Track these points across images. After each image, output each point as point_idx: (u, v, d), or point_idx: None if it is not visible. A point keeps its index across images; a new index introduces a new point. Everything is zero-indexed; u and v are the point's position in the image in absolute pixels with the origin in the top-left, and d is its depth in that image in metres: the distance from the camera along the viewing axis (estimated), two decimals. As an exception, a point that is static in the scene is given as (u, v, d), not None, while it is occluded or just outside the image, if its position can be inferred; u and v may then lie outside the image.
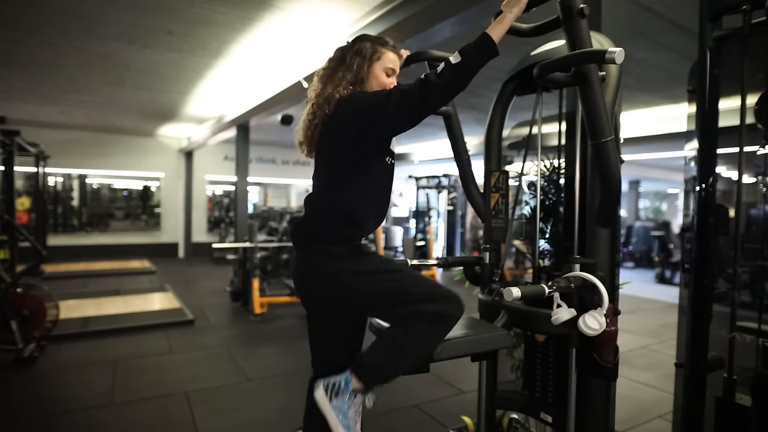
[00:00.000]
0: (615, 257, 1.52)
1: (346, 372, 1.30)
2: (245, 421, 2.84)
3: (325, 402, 1.26)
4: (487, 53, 1.24)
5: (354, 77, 1.39)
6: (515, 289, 1.22)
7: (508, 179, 1.77)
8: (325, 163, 1.44)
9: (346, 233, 1.36)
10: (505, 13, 1.29)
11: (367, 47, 1.41)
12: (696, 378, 1.75)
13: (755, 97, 1.64)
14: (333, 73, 1.40)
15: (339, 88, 1.37)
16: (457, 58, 1.20)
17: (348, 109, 1.33)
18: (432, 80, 1.21)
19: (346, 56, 1.41)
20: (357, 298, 1.35)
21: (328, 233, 1.36)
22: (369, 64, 1.40)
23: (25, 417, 2.81)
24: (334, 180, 1.39)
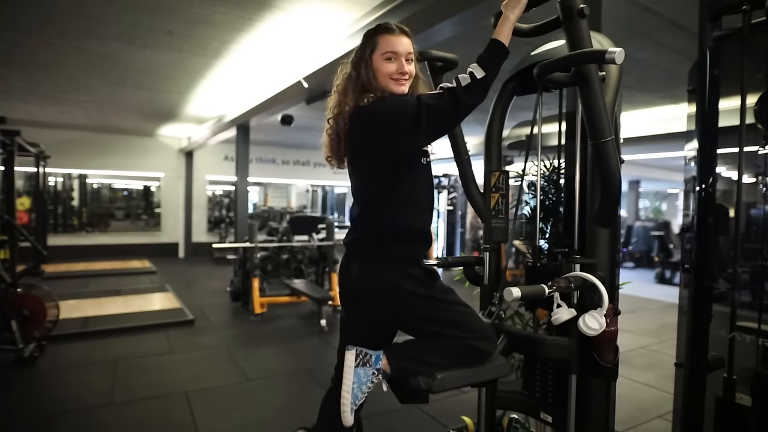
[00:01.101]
0: (615, 257, 1.52)
1: (379, 351, 1.35)
2: (245, 421, 2.84)
3: (351, 365, 1.30)
4: (502, 58, 1.26)
5: (361, 82, 1.36)
6: (515, 289, 1.22)
7: (508, 179, 1.77)
8: (361, 177, 1.43)
9: (410, 251, 1.39)
10: (506, 14, 1.29)
11: (361, 45, 1.40)
12: (696, 378, 1.75)
13: (755, 97, 1.64)
14: (344, 85, 1.39)
15: (349, 98, 1.36)
16: (481, 72, 1.21)
17: (369, 122, 1.31)
18: (462, 95, 1.21)
19: (354, 57, 1.41)
20: (412, 317, 1.37)
21: (396, 256, 1.37)
22: (368, 60, 1.37)
23: (25, 417, 2.81)
24: (376, 193, 1.38)
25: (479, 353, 1.35)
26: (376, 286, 1.36)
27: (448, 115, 1.25)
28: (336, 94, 1.41)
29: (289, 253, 6.73)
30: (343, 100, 1.37)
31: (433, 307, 1.36)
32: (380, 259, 1.37)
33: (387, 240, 1.37)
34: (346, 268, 1.44)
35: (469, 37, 3.67)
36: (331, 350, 4.30)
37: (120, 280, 7.33)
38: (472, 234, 10.05)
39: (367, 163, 1.38)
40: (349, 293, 1.47)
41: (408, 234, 1.38)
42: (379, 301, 1.38)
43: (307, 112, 7.09)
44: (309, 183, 13.64)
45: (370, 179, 1.39)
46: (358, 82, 1.36)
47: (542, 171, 2.05)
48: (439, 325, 1.34)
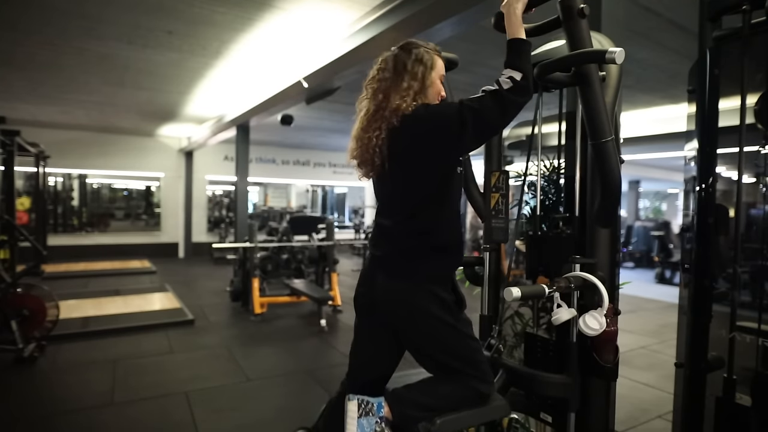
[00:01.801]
0: (615, 257, 1.52)
1: (380, 397, 1.34)
2: (245, 421, 2.84)
3: (354, 416, 1.30)
4: (527, 53, 1.25)
5: (419, 86, 1.32)
6: (515, 289, 1.22)
7: (508, 179, 1.77)
8: (400, 186, 1.35)
9: (447, 266, 1.38)
10: (508, 13, 1.27)
11: (426, 55, 1.35)
12: (696, 378, 1.75)
13: (755, 97, 1.64)
14: (396, 83, 1.31)
15: (407, 98, 1.29)
16: (518, 73, 1.20)
17: (425, 125, 1.28)
18: (507, 95, 1.20)
19: (407, 64, 1.32)
20: (430, 343, 1.35)
21: (431, 271, 1.34)
22: (430, 72, 1.35)
23: (25, 417, 2.81)
24: (417, 204, 1.33)
25: (479, 395, 1.35)
26: (404, 305, 1.32)
27: (494, 117, 1.23)
28: (373, 98, 1.34)
29: (289, 253, 6.73)
30: (383, 104, 1.31)
31: (453, 339, 1.34)
32: (413, 276, 1.32)
33: (426, 253, 1.33)
34: (371, 279, 1.39)
35: (469, 37, 3.67)
36: (331, 350, 4.30)
37: (120, 280, 7.33)
38: (472, 234, 10.06)
39: (411, 171, 1.31)
40: (369, 303, 1.42)
41: (448, 247, 1.36)
42: (402, 321, 1.35)
43: (307, 112, 7.10)
44: (309, 183, 13.64)
45: (412, 188, 1.33)
46: (410, 91, 1.31)
47: (542, 171, 2.05)
48: (454, 358, 1.33)
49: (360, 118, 1.38)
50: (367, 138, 1.32)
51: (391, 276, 1.35)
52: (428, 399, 1.33)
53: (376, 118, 1.31)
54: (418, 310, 1.31)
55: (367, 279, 1.42)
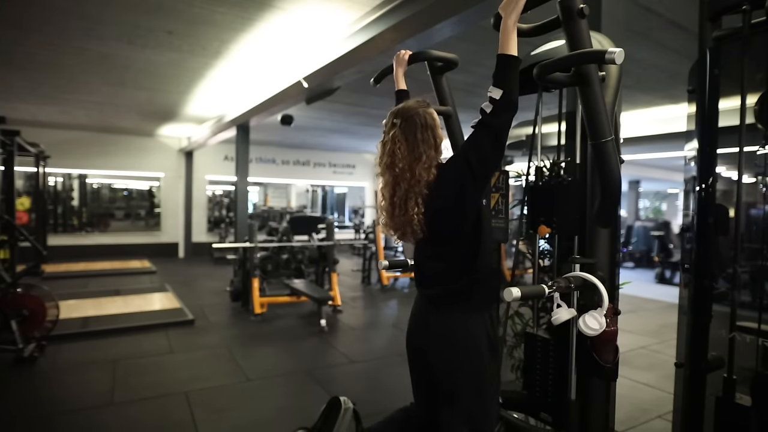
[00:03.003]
0: (615, 257, 1.52)
1: None
2: (245, 421, 2.84)
3: None
4: (514, 69, 1.28)
5: (434, 152, 1.41)
6: (515, 289, 1.22)
7: (508, 179, 1.77)
8: (444, 238, 1.44)
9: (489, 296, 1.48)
10: (504, 20, 1.29)
11: (427, 117, 1.43)
12: (696, 378, 1.75)
13: (755, 97, 1.64)
14: (417, 158, 1.38)
15: (431, 169, 1.38)
16: (498, 91, 1.25)
17: (448, 187, 1.37)
18: (491, 121, 1.27)
19: (416, 134, 1.40)
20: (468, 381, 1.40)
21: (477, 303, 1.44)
22: (436, 131, 1.43)
23: (25, 417, 2.81)
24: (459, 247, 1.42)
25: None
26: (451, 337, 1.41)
27: (488, 147, 1.30)
28: (400, 175, 1.40)
29: (289, 253, 6.73)
30: (413, 181, 1.38)
31: (484, 377, 1.40)
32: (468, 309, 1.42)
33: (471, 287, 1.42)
34: (425, 317, 1.49)
35: (469, 37, 3.67)
36: (331, 350, 4.30)
37: (120, 280, 7.33)
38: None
39: (449, 226, 1.41)
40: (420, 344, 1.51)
41: (485, 277, 1.44)
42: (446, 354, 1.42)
43: (307, 112, 7.10)
44: (309, 183, 13.64)
45: (453, 238, 1.43)
46: (430, 160, 1.39)
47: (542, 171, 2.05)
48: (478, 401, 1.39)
49: (388, 198, 1.45)
50: (409, 217, 1.39)
51: (442, 310, 1.45)
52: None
53: (410, 196, 1.39)
54: (465, 343, 1.39)
55: (419, 317, 1.52)
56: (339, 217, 14.45)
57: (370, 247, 7.88)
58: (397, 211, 1.41)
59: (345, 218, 14.35)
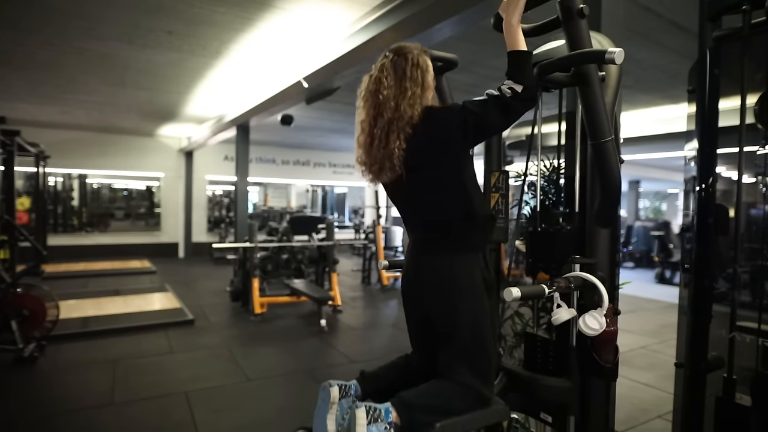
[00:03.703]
0: (615, 257, 1.52)
1: (387, 404, 1.35)
2: (245, 421, 2.84)
3: (363, 422, 1.30)
4: (528, 63, 1.26)
5: (421, 91, 1.38)
6: (515, 289, 1.22)
7: (508, 179, 1.77)
8: (424, 184, 1.41)
9: (481, 239, 1.45)
10: (507, 20, 1.28)
11: (420, 58, 1.40)
12: (696, 378, 1.75)
13: (755, 97, 1.64)
14: (402, 91, 1.36)
15: (415, 106, 1.35)
16: (518, 86, 1.23)
17: (434, 131, 1.34)
18: (510, 105, 1.24)
19: (406, 70, 1.37)
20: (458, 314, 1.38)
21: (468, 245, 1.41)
22: (427, 75, 1.40)
23: (25, 417, 2.81)
24: (442, 193, 1.40)
25: (481, 399, 1.37)
26: (443, 276, 1.38)
27: (493, 120, 1.28)
28: (381, 107, 1.37)
29: (289, 253, 6.73)
30: (396, 114, 1.35)
31: (480, 318, 1.38)
32: (453, 250, 1.40)
33: (460, 231, 1.40)
34: (415, 263, 1.46)
35: (469, 37, 3.67)
36: (331, 350, 4.30)
37: (120, 280, 7.33)
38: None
39: (430, 170, 1.38)
40: (414, 287, 1.48)
41: (478, 221, 1.43)
42: (439, 292, 1.39)
43: (307, 112, 7.10)
44: (309, 183, 13.65)
45: (434, 183, 1.40)
46: (415, 98, 1.36)
47: (542, 171, 2.05)
48: (474, 338, 1.37)
49: (367, 129, 1.40)
50: (389, 150, 1.35)
51: (433, 254, 1.42)
52: (434, 402, 1.35)
53: (392, 129, 1.35)
54: (459, 280, 1.37)
55: (413, 264, 1.48)
56: (339, 217, 14.46)
57: (370, 247, 7.88)
58: (377, 143, 1.37)
59: (345, 218, 14.35)
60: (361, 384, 1.49)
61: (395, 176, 1.39)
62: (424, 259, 1.44)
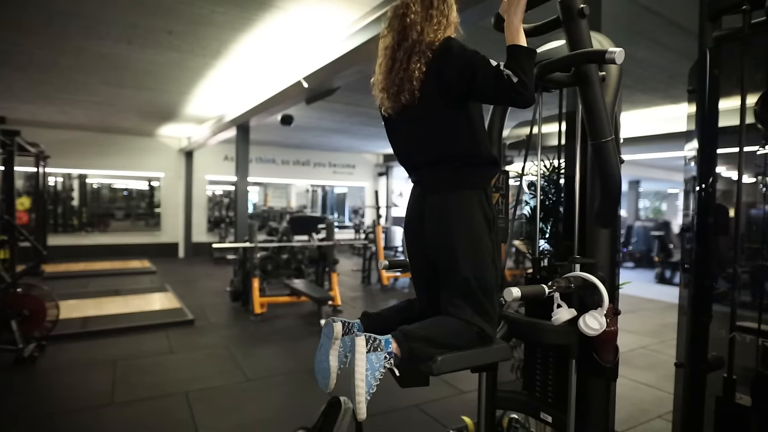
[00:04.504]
0: (615, 257, 1.52)
1: (388, 335, 1.34)
2: (245, 421, 2.84)
3: (362, 350, 1.29)
4: (527, 57, 1.26)
5: (447, 22, 1.40)
6: (515, 289, 1.22)
7: (508, 179, 1.77)
8: (440, 112, 1.40)
9: (486, 176, 1.45)
10: (509, 19, 1.28)
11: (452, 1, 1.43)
12: (696, 378, 1.75)
13: (755, 97, 1.64)
14: (428, 18, 1.38)
15: (439, 33, 1.37)
16: (515, 77, 1.22)
17: (453, 61, 1.33)
18: (510, 86, 1.23)
19: (433, 1, 1.40)
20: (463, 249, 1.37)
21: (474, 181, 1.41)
22: (452, 10, 1.42)
23: (25, 417, 2.81)
24: (455, 124, 1.39)
25: (483, 336, 1.36)
26: (449, 211, 1.38)
27: (488, 87, 1.26)
28: (407, 31, 1.40)
29: (289, 253, 6.73)
30: (420, 38, 1.37)
31: (484, 253, 1.37)
32: (457, 186, 1.39)
33: (468, 167, 1.40)
34: (420, 201, 1.46)
35: (469, 37, 3.67)
36: (331, 350, 4.30)
37: (120, 280, 7.33)
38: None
39: (445, 99, 1.37)
40: (417, 231, 1.48)
41: (486, 159, 1.42)
42: (444, 227, 1.39)
43: (307, 112, 7.10)
44: (309, 183, 13.64)
45: (448, 113, 1.39)
46: (441, 26, 1.38)
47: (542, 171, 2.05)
48: (476, 273, 1.35)
49: (390, 54, 1.42)
50: (410, 72, 1.36)
51: (436, 191, 1.42)
52: (435, 335, 1.34)
53: (415, 51, 1.37)
54: (461, 216, 1.37)
55: (415, 202, 1.48)
56: (339, 217, 14.45)
57: (370, 247, 7.88)
58: (398, 66, 1.39)
59: (345, 218, 14.35)
60: (364, 324, 1.47)
61: (410, 101, 1.39)
62: (425, 198, 1.44)
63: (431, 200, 1.42)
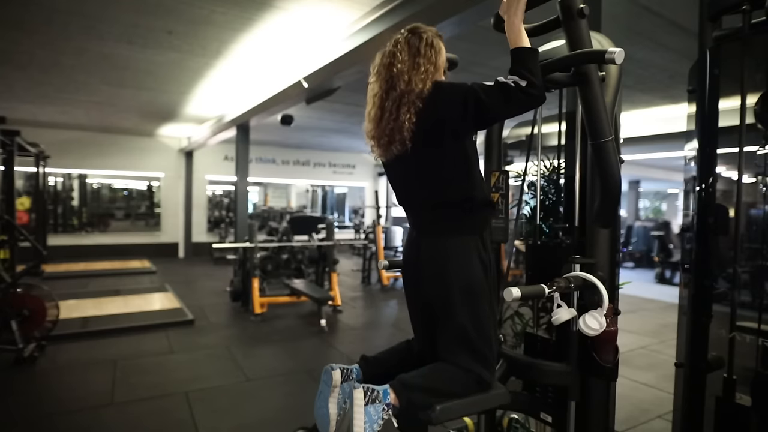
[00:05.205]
0: (615, 257, 1.52)
1: (386, 385, 1.34)
2: (245, 421, 2.84)
3: (360, 403, 1.30)
4: (532, 59, 1.26)
5: (434, 69, 1.39)
6: (515, 289, 1.22)
7: (508, 179, 1.77)
8: (432, 160, 1.41)
9: (482, 222, 1.44)
10: (509, 20, 1.28)
11: (434, 39, 1.42)
12: (696, 378, 1.75)
13: (755, 97, 1.64)
14: (416, 67, 1.37)
15: (427, 82, 1.37)
16: (523, 81, 1.22)
17: (443, 106, 1.34)
18: (516, 94, 1.23)
19: (420, 48, 1.39)
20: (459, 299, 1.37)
21: (469, 227, 1.41)
22: (439, 56, 1.42)
23: (25, 417, 2.81)
24: (448, 172, 1.40)
25: (481, 382, 1.36)
26: (444, 259, 1.38)
27: (496, 107, 1.27)
28: (394, 80, 1.39)
29: (289, 253, 6.73)
30: (408, 88, 1.36)
31: (481, 300, 1.37)
32: (453, 232, 1.40)
33: (463, 212, 1.40)
34: (416, 246, 1.46)
35: (469, 37, 3.67)
36: (331, 350, 4.30)
37: (120, 280, 7.33)
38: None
39: (437, 146, 1.38)
40: (413, 269, 1.48)
41: (480, 203, 1.42)
42: (439, 275, 1.39)
43: (307, 112, 7.10)
44: (309, 183, 13.64)
45: (440, 160, 1.40)
46: (428, 74, 1.38)
47: (542, 171, 2.05)
48: (474, 323, 1.35)
49: (379, 102, 1.42)
50: (399, 123, 1.36)
51: (432, 236, 1.43)
52: (433, 384, 1.34)
53: (404, 102, 1.36)
54: (457, 262, 1.37)
55: (412, 247, 1.49)
56: (339, 217, 14.45)
57: (370, 247, 7.88)
58: (387, 116, 1.38)
59: (345, 218, 14.35)
60: (362, 368, 1.48)
61: (402, 151, 1.39)
62: (422, 241, 1.44)
63: (427, 245, 1.42)
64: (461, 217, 1.40)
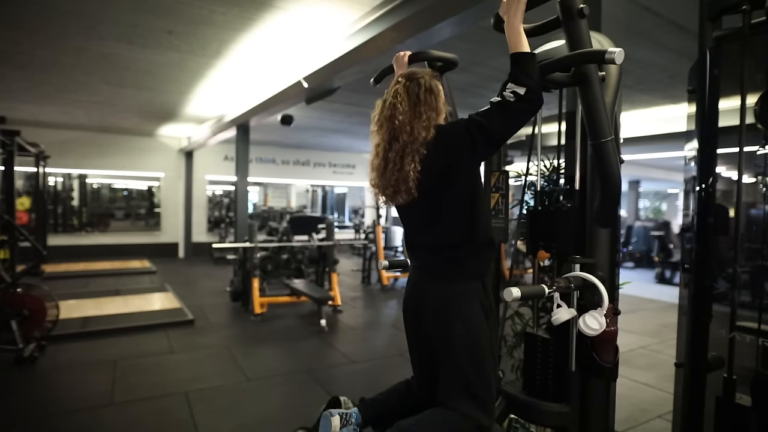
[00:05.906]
0: (615, 257, 1.52)
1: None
2: (245, 421, 2.84)
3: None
4: (532, 65, 1.27)
5: (435, 115, 1.41)
6: (515, 289, 1.22)
7: (508, 179, 1.77)
8: (440, 204, 1.42)
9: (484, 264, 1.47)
10: (508, 21, 1.29)
11: (432, 83, 1.43)
12: (696, 378, 1.75)
13: (755, 97, 1.64)
14: (417, 116, 1.38)
15: (430, 128, 1.38)
16: (521, 88, 1.24)
17: (447, 149, 1.37)
18: (512, 108, 1.25)
19: (419, 95, 1.40)
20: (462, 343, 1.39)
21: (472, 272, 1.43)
22: (439, 99, 1.43)
23: (25, 417, 2.81)
24: (456, 215, 1.41)
25: (481, 428, 1.36)
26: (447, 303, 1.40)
27: (498, 128, 1.29)
28: (397, 131, 1.39)
29: (289, 253, 6.73)
30: (411, 138, 1.37)
31: (482, 344, 1.39)
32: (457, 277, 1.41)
33: (468, 255, 1.42)
34: (419, 289, 1.48)
35: (469, 37, 3.67)
36: (331, 350, 4.30)
37: (120, 280, 7.33)
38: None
39: (445, 190, 1.40)
40: (415, 313, 1.50)
41: (484, 247, 1.44)
42: (442, 320, 1.40)
43: (307, 112, 7.10)
44: (309, 183, 13.64)
45: (449, 204, 1.41)
46: (430, 121, 1.39)
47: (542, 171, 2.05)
48: (475, 367, 1.37)
49: (382, 153, 1.43)
50: (404, 173, 1.37)
51: (435, 282, 1.44)
52: (432, 431, 1.35)
53: (407, 152, 1.37)
54: (459, 308, 1.38)
55: (414, 290, 1.51)
56: (339, 217, 14.45)
57: (370, 247, 7.88)
58: (391, 167, 1.39)
59: (345, 218, 14.35)
60: (362, 411, 1.50)
61: (408, 200, 1.41)
62: (425, 286, 1.46)
63: (430, 289, 1.44)
64: (463, 261, 1.41)
